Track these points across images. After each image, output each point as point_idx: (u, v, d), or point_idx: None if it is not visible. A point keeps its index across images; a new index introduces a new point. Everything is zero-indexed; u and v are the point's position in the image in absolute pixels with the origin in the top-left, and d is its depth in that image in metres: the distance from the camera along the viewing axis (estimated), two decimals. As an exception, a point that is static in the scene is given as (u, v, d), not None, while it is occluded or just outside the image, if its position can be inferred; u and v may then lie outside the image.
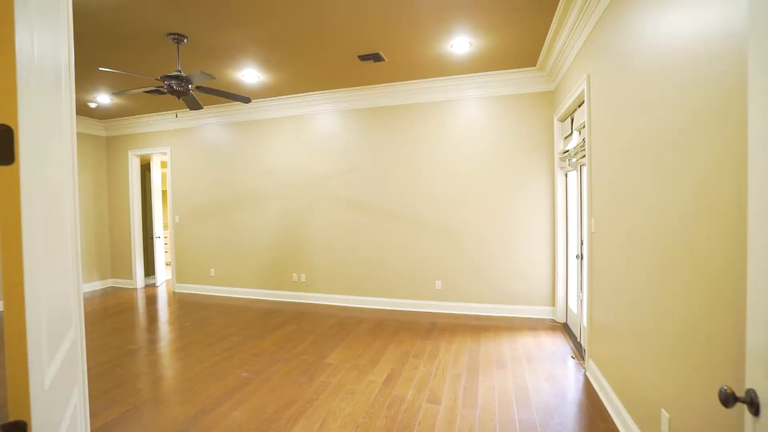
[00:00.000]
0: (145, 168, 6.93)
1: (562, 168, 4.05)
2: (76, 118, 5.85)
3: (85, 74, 4.12)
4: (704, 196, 1.35)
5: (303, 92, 4.95)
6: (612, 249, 2.36)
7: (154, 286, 6.51)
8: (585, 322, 3.18)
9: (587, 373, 2.88)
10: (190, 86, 3.26)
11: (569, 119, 3.68)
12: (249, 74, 4.20)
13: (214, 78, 2.94)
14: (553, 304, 4.26)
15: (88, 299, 5.63)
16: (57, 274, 1.09)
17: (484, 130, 4.46)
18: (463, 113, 4.53)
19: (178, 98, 3.30)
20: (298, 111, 5.21)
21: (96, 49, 3.47)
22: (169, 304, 5.31)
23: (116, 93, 3.33)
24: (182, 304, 5.33)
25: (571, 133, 3.61)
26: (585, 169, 3.23)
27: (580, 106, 3.28)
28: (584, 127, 3.10)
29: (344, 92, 4.85)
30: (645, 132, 1.85)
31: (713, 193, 1.29)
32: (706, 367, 1.34)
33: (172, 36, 3.20)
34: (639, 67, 1.91)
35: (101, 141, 6.41)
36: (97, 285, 6.31)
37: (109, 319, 4.62)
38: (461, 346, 3.53)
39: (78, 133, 6.05)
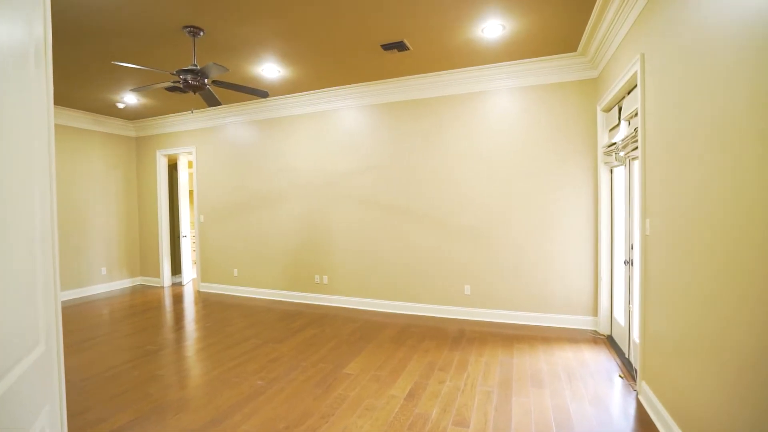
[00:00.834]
0: (173, 168, 7.02)
1: (606, 163, 3.65)
2: (107, 119, 5.98)
3: (110, 74, 4.12)
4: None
5: (324, 87, 4.78)
6: (671, 253, 2.01)
7: (180, 284, 6.56)
8: (636, 337, 2.81)
9: (640, 397, 2.51)
10: (205, 80, 3.15)
11: (616, 108, 3.29)
12: (269, 69, 4.06)
13: (228, 70, 2.80)
14: (596, 314, 3.86)
15: (118, 297, 5.71)
16: (11, 287, 0.92)
17: (518, 124, 4.11)
18: (494, 106, 4.21)
19: (194, 93, 3.19)
20: (319, 107, 5.05)
21: (112, 46, 3.43)
22: (193, 304, 5.29)
23: (135, 89, 3.26)
24: (206, 303, 5.30)
25: (618, 124, 3.22)
26: (636, 163, 2.86)
27: (629, 92, 2.90)
28: (635, 115, 2.73)
29: (367, 86, 4.64)
30: (714, 118, 1.51)
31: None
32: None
33: (188, 29, 3.09)
34: (708, 40, 1.57)
35: (131, 141, 6.52)
36: (126, 283, 6.43)
37: (134, 318, 4.63)
38: (492, 359, 3.23)
39: (108, 134, 6.18)
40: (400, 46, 3.55)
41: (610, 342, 3.53)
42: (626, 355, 3.10)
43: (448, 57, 3.84)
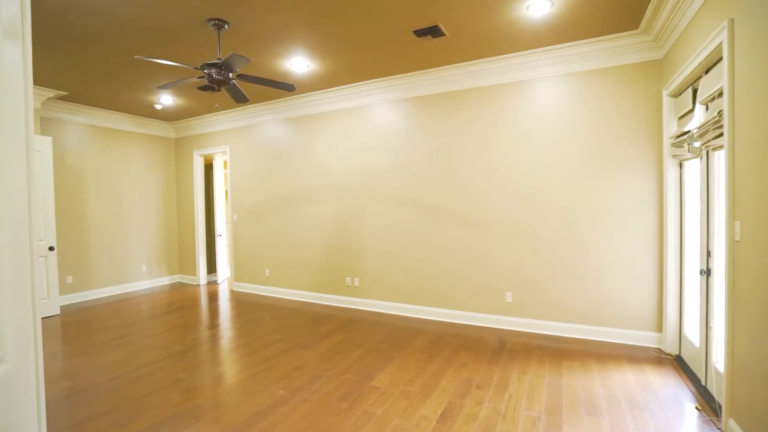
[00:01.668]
0: (209, 168, 7.13)
1: (675, 156, 3.16)
2: (148, 121, 6.13)
3: (141, 74, 4.15)
4: None
5: (355, 82, 4.58)
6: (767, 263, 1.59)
7: (215, 283, 6.63)
8: (718, 362, 2.35)
9: (725, 437, 2.07)
10: (230, 75, 3.03)
11: (688, 92, 2.82)
12: (297, 63, 3.92)
13: (250, 60, 2.66)
14: (660, 329, 3.36)
15: (155, 294, 5.84)
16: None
17: (567, 115, 3.69)
18: (539, 96, 3.81)
19: (218, 88, 3.09)
20: (350, 103, 4.86)
21: (140, 43, 3.40)
22: (225, 303, 5.28)
23: (162, 86, 3.22)
24: (238, 303, 5.27)
25: (691, 110, 2.75)
26: (719, 154, 2.40)
27: (708, 70, 2.44)
28: (718, 96, 2.28)
29: (399, 79, 4.38)
30: None
31: None
32: None
33: (213, 22, 2.99)
34: None
35: (171, 142, 6.68)
36: (165, 280, 6.59)
37: (168, 316, 4.66)
38: (538, 378, 2.86)
39: (149, 135, 6.35)
40: (434, 32, 3.27)
41: (679, 363, 3.04)
42: (702, 382, 2.63)
43: (488, 42, 3.50)
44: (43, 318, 4.64)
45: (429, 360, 3.24)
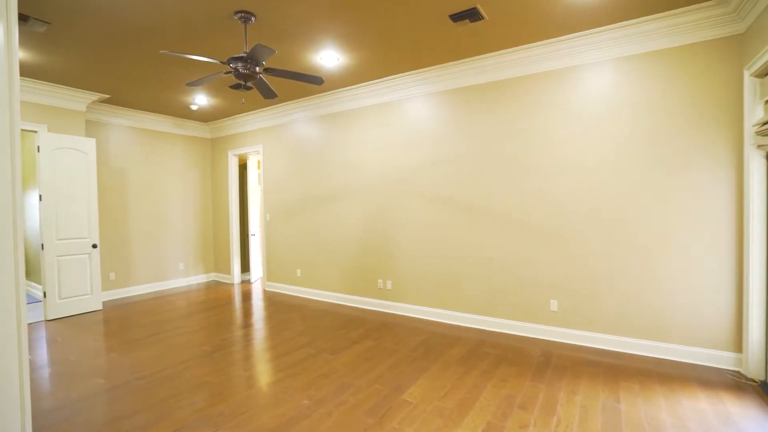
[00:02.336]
0: (243, 167, 7.20)
1: (761, 147, 2.69)
2: (186, 122, 6.26)
3: (172, 73, 4.17)
4: None
5: (387, 75, 4.38)
6: None
7: (249, 282, 6.67)
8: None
9: (840, 492, 1.66)
10: (257, 69, 2.92)
11: (780, 69, 2.37)
12: (327, 56, 3.77)
13: (275, 51, 2.53)
14: (739, 349, 2.89)
15: (191, 292, 5.94)
16: None
17: (625, 104, 3.29)
18: (592, 83, 3.43)
19: (245, 83, 2.99)
20: (383, 98, 4.67)
21: (167, 41, 3.38)
22: (256, 303, 5.25)
23: (190, 84, 3.17)
24: (269, 303, 5.23)
25: (785, 90, 2.31)
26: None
27: (810, 40, 2.01)
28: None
29: (434, 71, 4.13)
30: None
31: None
32: None
33: (239, 14, 2.89)
34: None
35: (207, 143, 6.80)
36: (201, 278, 6.71)
37: (201, 314, 4.68)
38: (591, 400, 2.52)
39: (187, 136, 6.49)
40: (472, 15, 3.00)
41: (764, 391, 2.58)
42: (800, 417, 2.19)
43: (531, 25, 3.18)
44: (86, 313, 4.80)
45: (466, 373, 2.97)
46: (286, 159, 5.74)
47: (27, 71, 4.05)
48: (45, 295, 4.50)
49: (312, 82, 3.15)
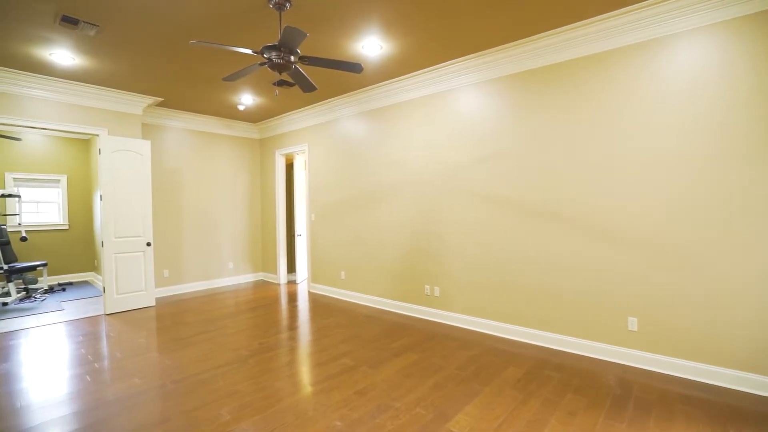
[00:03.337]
0: (290, 167, 7.19)
1: None
2: (235, 122, 6.35)
3: (217, 74, 4.14)
4: None
5: (435, 64, 4.02)
6: None
7: (295, 282, 6.62)
8: None
9: None
10: (291, 58, 2.71)
11: None
12: (370, 45, 3.50)
13: (307, 35, 2.29)
14: None
15: (238, 291, 5.99)
16: None
17: (725, 84, 2.64)
18: (683, 59, 2.81)
19: (280, 74, 2.79)
20: (430, 89, 4.31)
21: (202, 35, 3.30)
22: (300, 305, 5.13)
23: (226, 78, 3.06)
24: (312, 305, 5.09)
25: None
26: None
27: None
28: None
29: (488, 55, 3.70)
30: None
31: None
32: None
33: (273, 1, 2.71)
34: None
35: (255, 143, 6.88)
36: (249, 278, 6.79)
37: (244, 315, 4.64)
38: (691, 452, 1.98)
39: (236, 137, 6.60)
40: (534, -19, 2.55)
41: None
42: None
43: (609, -12, 2.66)
44: (140, 308, 4.98)
45: (524, 401, 2.53)
46: (329, 157, 5.58)
47: (86, 77, 4.25)
48: (104, 290, 4.71)
49: (351, 69, 2.90)
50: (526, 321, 3.66)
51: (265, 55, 2.69)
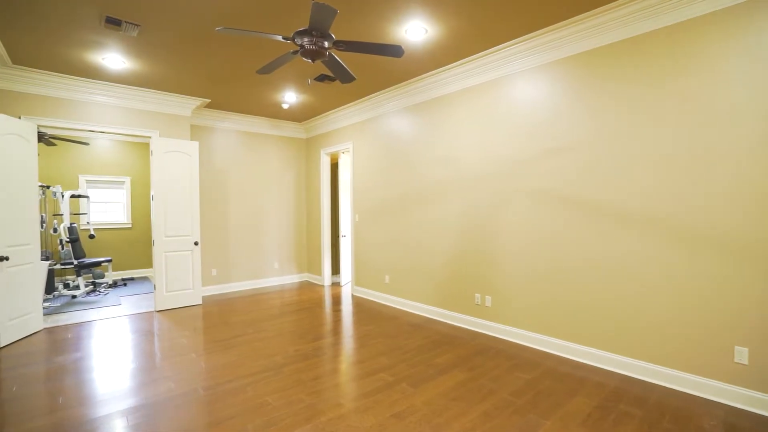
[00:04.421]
0: (336, 166, 7.06)
1: None
2: (282, 122, 6.33)
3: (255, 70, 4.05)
4: None
5: (488, 48, 3.60)
6: None
7: (339, 284, 6.46)
8: None
9: None
10: (325, 43, 2.48)
11: None
12: (414, 29, 3.19)
13: (336, 11, 2.03)
14: None
15: (283, 292, 5.94)
16: None
17: None
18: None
19: (313, 62, 2.57)
20: (482, 77, 3.89)
21: (238, 37, 3.17)
22: (342, 310, 4.92)
23: (260, 71, 2.90)
24: (354, 310, 4.86)
25: None
26: None
27: None
28: None
29: (549, 34, 3.22)
30: None
31: None
32: None
33: (307, -20, 2.49)
34: None
35: (302, 143, 6.83)
36: (295, 278, 6.74)
37: (285, 318, 4.53)
38: None
39: (283, 137, 6.59)
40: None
41: None
42: None
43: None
44: (187, 306, 5.07)
45: (596, 444, 2.06)
46: (374, 155, 5.33)
47: (137, 80, 4.37)
48: (155, 288, 4.84)
49: (391, 53, 2.60)
50: (594, 341, 3.12)
51: (297, 41, 2.48)
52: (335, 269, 7.10)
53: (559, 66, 3.31)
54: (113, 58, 3.77)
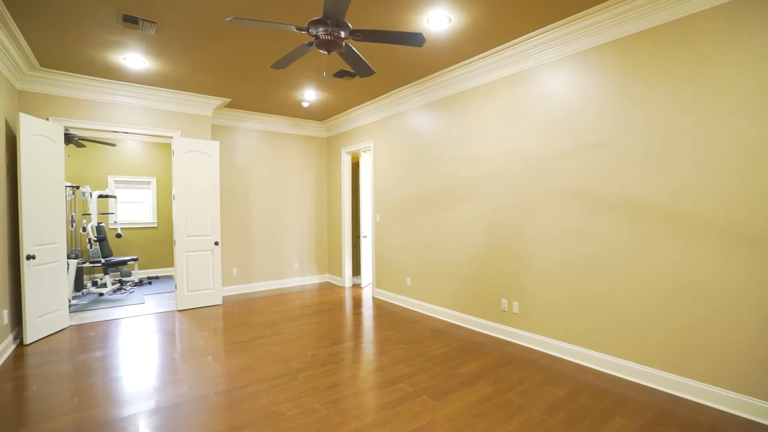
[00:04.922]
0: (356, 166, 6.94)
1: None
2: (303, 122, 6.26)
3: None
4: None
5: (516, 37, 3.36)
6: None
7: (359, 286, 6.33)
8: None
9: None
10: (341, 33, 2.33)
11: None
12: (436, 17, 3.00)
13: (353, -7, 1.89)
14: None
15: (303, 293, 5.86)
16: None
17: None
18: None
19: (329, 53, 2.43)
20: (509, 69, 3.65)
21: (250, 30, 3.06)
22: (361, 313, 4.78)
23: (274, 65, 2.80)
24: (375, 313, 4.71)
25: None
26: None
27: None
28: None
29: (583, 20, 2.95)
30: None
31: None
32: None
33: (322, -34, 2.35)
34: None
35: (323, 142, 6.75)
36: (315, 279, 6.67)
37: (304, 320, 4.43)
38: None
39: (304, 136, 6.52)
40: None
41: None
42: None
43: None
44: (207, 306, 5.06)
45: (643, 476, 1.82)
46: (395, 154, 5.17)
47: (158, 80, 4.38)
48: (176, 287, 4.86)
49: (412, 42, 2.43)
50: (634, 355, 2.83)
51: (311, 32, 2.35)
52: (356, 270, 6.98)
53: (595, 53, 3.04)
54: (134, 58, 3.77)
